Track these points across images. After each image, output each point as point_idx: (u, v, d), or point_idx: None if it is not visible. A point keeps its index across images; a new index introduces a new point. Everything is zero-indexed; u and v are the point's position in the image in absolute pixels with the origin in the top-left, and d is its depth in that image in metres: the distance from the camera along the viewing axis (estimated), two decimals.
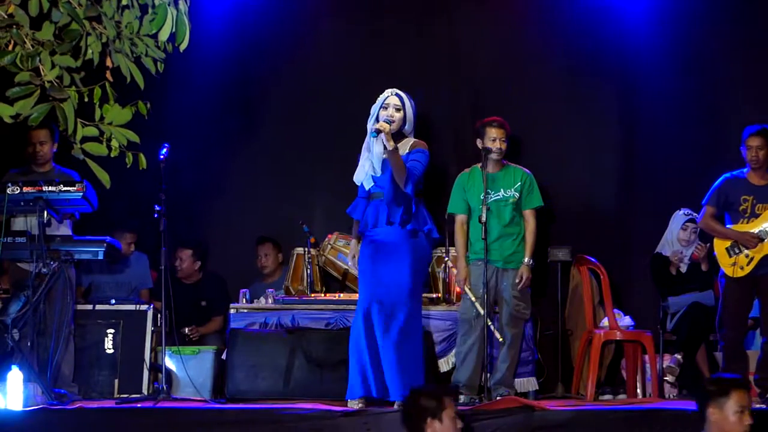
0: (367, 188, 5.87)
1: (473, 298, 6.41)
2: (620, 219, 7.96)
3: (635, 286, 7.74)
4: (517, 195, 6.59)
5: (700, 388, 4.82)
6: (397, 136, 5.80)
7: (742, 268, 6.28)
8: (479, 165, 6.59)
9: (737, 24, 7.82)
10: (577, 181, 7.98)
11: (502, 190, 6.58)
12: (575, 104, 8.02)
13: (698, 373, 7.01)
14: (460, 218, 6.62)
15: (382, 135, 5.64)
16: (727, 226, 6.48)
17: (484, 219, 6.25)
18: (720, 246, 6.42)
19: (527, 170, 6.70)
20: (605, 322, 6.99)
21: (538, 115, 7.97)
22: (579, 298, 7.27)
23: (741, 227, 6.37)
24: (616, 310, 7.01)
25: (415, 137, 5.90)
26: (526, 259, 6.55)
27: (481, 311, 6.36)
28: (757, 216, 6.36)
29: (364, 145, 5.90)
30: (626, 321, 7.05)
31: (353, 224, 6.01)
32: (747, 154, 6.44)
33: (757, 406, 6.01)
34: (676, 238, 7.20)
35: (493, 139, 6.56)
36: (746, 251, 6.30)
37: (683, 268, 7.16)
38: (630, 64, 7.96)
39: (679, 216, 7.17)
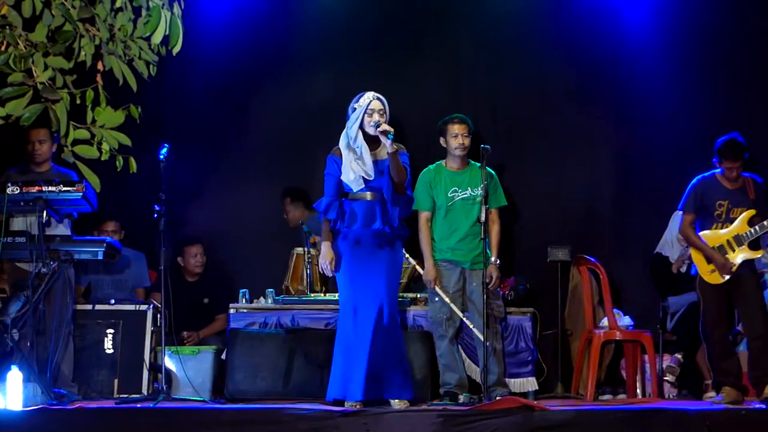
0: (355, 190, 5.86)
1: (446, 299, 6.40)
2: (619, 219, 7.96)
3: (635, 286, 7.74)
4: (483, 194, 6.56)
5: None
6: (378, 139, 5.80)
7: (723, 276, 6.27)
8: (443, 162, 6.58)
9: (734, 26, 7.81)
10: (576, 182, 7.97)
11: (469, 188, 6.53)
12: (573, 104, 8.01)
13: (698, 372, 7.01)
14: (426, 215, 6.52)
15: (384, 138, 5.65)
16: (703, 232, 6.41)
17: (483, 219, 6.23)
18: (697, 253, 6.39)
19: (490, 169, 6.62)
20: (605, 322, 6.98)
21: (536, 116, 7.97)
22: (579, 298, 7.26)
23: (716, 232, 6.34)
24: (615, 310, 7.01)
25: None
26: (493, 259, 6.49)
27: (460, 314, 6.40)
28: (731, 220, 6.33)
29: (343, 145, 5.87)
30: (626, 321, 7.04)
31: (324, 223, 5.94)
32: (726, 172, 6.33)
33: (757, 405, 6.01)
34: (675, 238, 7.18)
35: (455, 135, 6.51)
36: (727, 256, 6.27)
37: (683, 268, 7.15)
38: (628, 64, 7.95)
39: (679, 216, 7.14)
